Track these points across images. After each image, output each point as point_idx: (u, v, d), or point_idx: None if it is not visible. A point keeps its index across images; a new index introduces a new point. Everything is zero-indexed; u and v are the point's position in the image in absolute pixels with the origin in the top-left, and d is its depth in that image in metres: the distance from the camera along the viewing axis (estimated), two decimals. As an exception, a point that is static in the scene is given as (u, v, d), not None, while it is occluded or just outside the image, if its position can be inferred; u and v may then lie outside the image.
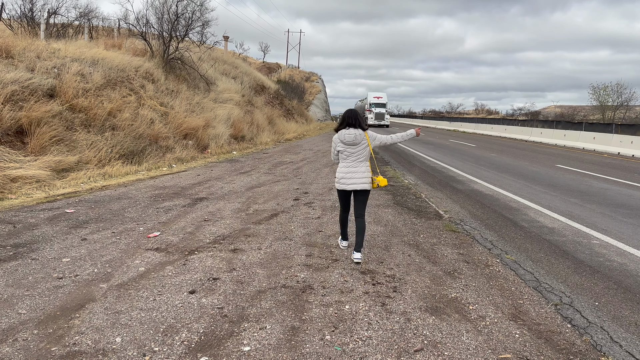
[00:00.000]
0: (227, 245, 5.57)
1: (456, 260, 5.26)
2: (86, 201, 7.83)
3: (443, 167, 14.48)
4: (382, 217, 7.27)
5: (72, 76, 12.46)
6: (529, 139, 30.68)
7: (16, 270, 4.56)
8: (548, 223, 7.21)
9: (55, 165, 9.67)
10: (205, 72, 21.34)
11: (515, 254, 5.61)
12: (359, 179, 5.01)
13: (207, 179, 10.69)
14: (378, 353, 3.21)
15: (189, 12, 19.70)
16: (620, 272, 5.07)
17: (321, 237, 6.06)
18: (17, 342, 3.21)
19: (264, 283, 4.42)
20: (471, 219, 7.35)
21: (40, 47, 13.47)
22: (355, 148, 5.02)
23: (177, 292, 4.13)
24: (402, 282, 4.55)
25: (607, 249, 5.89)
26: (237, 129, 19.85)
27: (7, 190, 8.15)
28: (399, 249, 5.63)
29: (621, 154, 21.20)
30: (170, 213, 7.17)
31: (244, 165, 13.72)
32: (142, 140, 13.07)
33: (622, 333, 3.66)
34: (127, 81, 15.12)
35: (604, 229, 6.85)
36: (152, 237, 5.82)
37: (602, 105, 54.04)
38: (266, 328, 3.52)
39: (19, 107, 10.29)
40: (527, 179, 11.89)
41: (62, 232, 5.91)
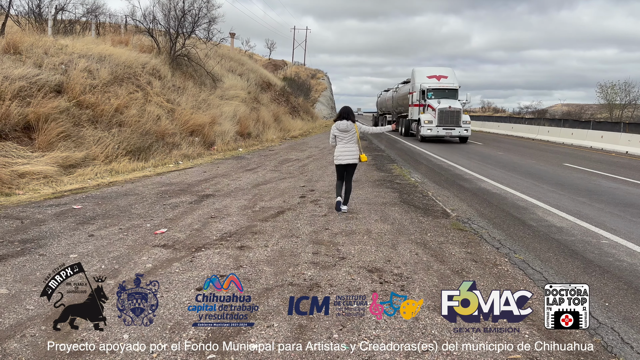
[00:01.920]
0: (233, 243, 5.56)
1: (464, 259, 5.22)
2: (93, 197, 7.85)
3: (450, 165, 14.41)
4: (389, 215, 7.24)
5: (79, 72, 12.49)
6: (536, 137, 30.49)
7: (24, 266, 4.56)
8: (556, 222, 7.15)
9: (62, 161, 9.70)
10: (212, 69, 21.34)
11: (524, 253, 5.56)
12: (350, 155, 7.15)
13: (214, 176, 10.69)
14: (386, 352, 3.19)
15: (195, 9, 19.72)
16: (631, 272, 5.02)
17: (328, 234, 6.04)
18: (24, 338, 3.22)
19: (271, 280, 4.41)
20: (479, 218, 7.30)
21: (48, 43, 13.51)
22: (347, 134, 7.15)
23: (184, 289, 4.13)
24: (409, 280, 4.53)
25: (616, 249, 5.84)
26: (243, 126, 19.85)
27: (14, 185, 8.18)
28: (406, 247, 5.60)
29: (629, 153, 21.02)
30: (177, 210, 7.17)
31: (250, 162, 13.71)
32: (149, 136, 13.09)
33: (633, 334, 3.61)
34: (134, 77, 15.14)
35: (613, 229, 6.79)
36: (159, 234, 5.82)
37: (609, 104, 53.68)
38: (273, 326, 3.50)
39: (27, 103, 10.32)
40: (534, 178, 11.82)
41: (69, 228, 5.92)
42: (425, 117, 23.69)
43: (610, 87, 52.74)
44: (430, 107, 23.84)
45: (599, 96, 55.25)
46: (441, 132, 23.11)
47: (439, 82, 25.31)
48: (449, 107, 22.99)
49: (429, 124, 23.27)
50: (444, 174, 12.29)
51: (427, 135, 23.35)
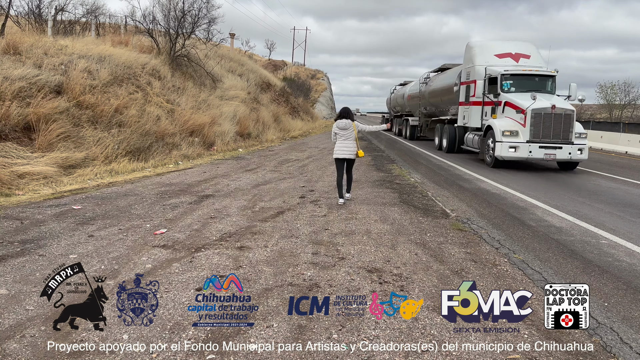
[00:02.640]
0: (233, 243, 5.57)
1: (463, 260, 5.22)
2: (93, 197, 7.85)
3: (449, 165, 14.42)
4: (388, 215, 7.24)
5: (79, 73, 12.49)
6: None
7: (23, 267, 4.57)
8: (556, 222, 7.16)
9: (62, 161, 9.71)
10: (212, 69, 21.35)
11: (523, 254, 5.57)
12: (347, 151, 7.93)
13: (213, 176, 10.70)
14: (385, 352, 3.19)
15: (195, 9, 19.73)
16: (630, 272, 5.03)
17: (327, 235, 6.05)
18: (24, 339, 3.22)
19: (271, 281, 4.41)
20: (478, 218, 7.31)
21: (48, 43, 13.52)
22: (346, 132, 7.92)
23: (184, 290, 4.13)
24: (409, 281, 4.53)
25: (615, 249, 5.84)
26: (243, 126, 19.85)
27: (14, 186, 8.18)
28: (405, 247, 5.61)
29: (629, 153, 21.04)
30: (176, 210, 7.17)
31: (249, 162, 13.72)
32: (149, 137, 13.09)
33: (632, 334, 3.62)
34: (134, 78, 15.14)
35: (612, 229, 6.79)
36: (159, 234, 5.82)
37: (609, 104, 53.65)
38: (273, 326, 3.51)
39: (27, 103, 10.33)
40: (533, 178, 11.81)
41: (69, 229, 5.92)
42: (503, 125, 13.27)
43: (610, 87, 52.73)
44: (511, 107, 13.51)
45: (598, 96, 55.16)
46: (537, 153, 12.82)
47: (518, 65, 15.29)
48: (553, 106, 12.76)
49: (511, 137, 13.02)
50: (443, 174, 12.29)
51: (509, 157, 13.07)
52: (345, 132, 7.91)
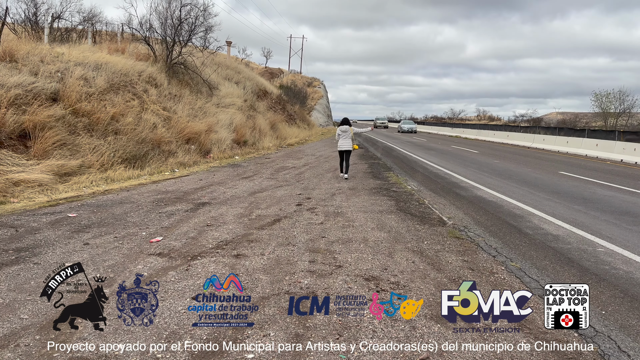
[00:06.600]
0: (230, 251, 5.54)
1: (461, 267, 5.22)
2: (88, 205, 7.81)
3: (446, 173, 14.44)
4: (385, 223, 7.24)
5: (75, 80, 12.48)
6: (531, 145, 30.63)
7: (18, 275, 4.53)
8: (552, 230, 7.17)
9: (57, 169, 9.67)
10: (208, 77, 21.38)
11: (520, 262, 5.57)
12: (347, 145, 11.86)
13: (210, 184, 10.67)
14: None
15: (192, 17, 19.76)
16: (627, 280, 5.03)
17: (324, 243, 6.03)
18: (18, 348, 3.19)
19: (267, 289, 4.39)
20: (475, 226, 7.31)
21: (44, 51, 13.50)
22: (346, 133, 11.89)
23: (180, 298, 4.10)
24: (406, 289, 4.52)
25: (612, 257, 5.85)
26: (239, 134, 19.86)
27: (9, 194, 8.14)
28: (402, 255, 5.60)
29: (624, 161, 21.14)
30: (172, 218, 7.15)
31: (246, 170, 13.70)
32: (145, 144, 13.07)
33: (629, 342, 3.61)
34: (130, 85, 15.14)
35: (609, 237, 6.81)
36: (155, 242, 5.79)
37: (604, 112, 54.00)
38: (270, 335, 3.49)
39: (22, 110, 10.30)
40: (530, 186, 11.85)
41: (64, 237, 5.88)
42: None
43: (605, 95, 53.11)
44: None
45: (593, 104, 55.53)
46: None
47: None
48: None
49: None
50: (440, 182, 12.31)
51: None
52: (345, 134, 11.91)
